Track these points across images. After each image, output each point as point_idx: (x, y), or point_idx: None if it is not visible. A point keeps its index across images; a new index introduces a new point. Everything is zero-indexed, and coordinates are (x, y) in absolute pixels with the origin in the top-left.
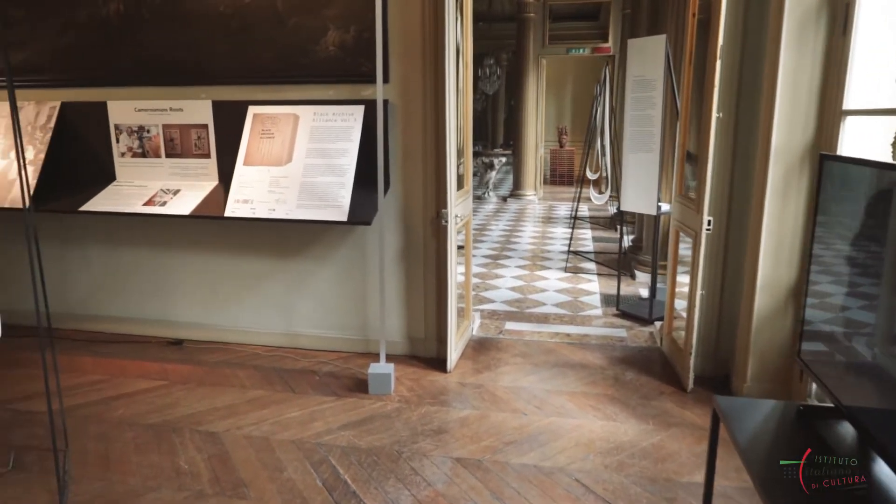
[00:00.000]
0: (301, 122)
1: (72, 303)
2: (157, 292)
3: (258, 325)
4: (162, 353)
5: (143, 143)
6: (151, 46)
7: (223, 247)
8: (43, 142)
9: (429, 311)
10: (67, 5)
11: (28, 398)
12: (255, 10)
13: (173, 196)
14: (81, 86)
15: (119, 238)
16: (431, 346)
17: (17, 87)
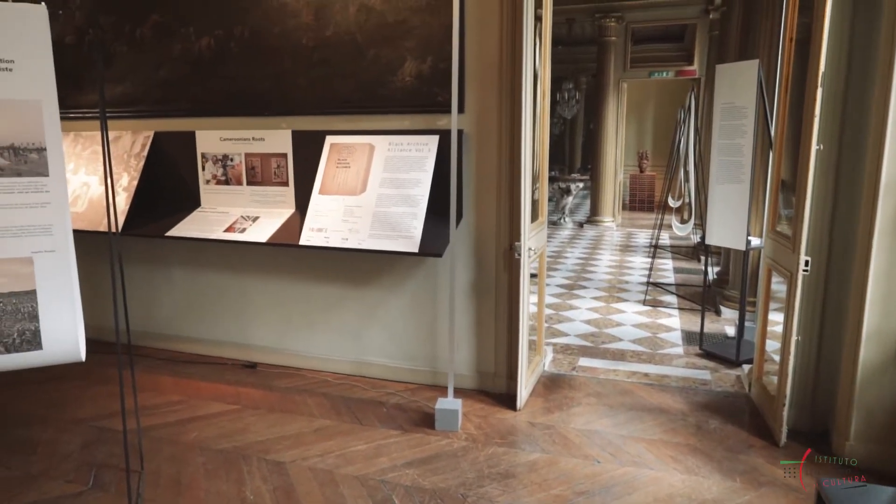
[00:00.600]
0: (376, 152)
1: (156, 322)
2: (235, 315)
3: (329, 352)
4: (237, 375)
5: (227, 171)
6: (238, 79)
7: (298, 273)
8: (137, 169)
9: (499, 345)
10: (165, 41)
11: (111, 416)
12: (336, 43)
13: (252, 223)
14: (173, 116)
15: (201, 261)
16: (501, 382)
17: (115, 117)
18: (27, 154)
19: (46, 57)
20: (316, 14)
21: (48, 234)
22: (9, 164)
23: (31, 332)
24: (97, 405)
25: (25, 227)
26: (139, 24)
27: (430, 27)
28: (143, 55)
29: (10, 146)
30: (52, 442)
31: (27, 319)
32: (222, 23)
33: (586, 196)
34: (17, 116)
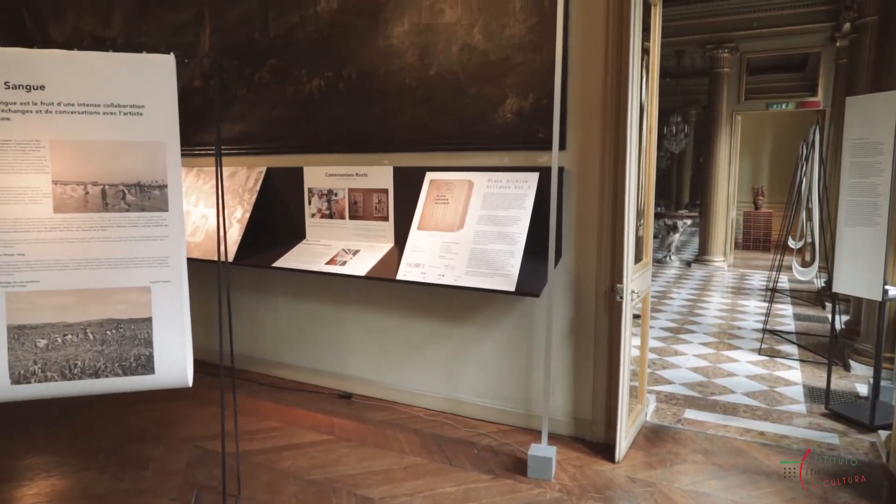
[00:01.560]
0: (475, 189)
1: (260, 348)
2: (333, 345)
3: (422, 387)
4: (332, 405)
5: (331, 206)
6: (344, 117)
7: (394, 307)
8: (250, 202)
9: (598, 391)
10: (279, 83)
11: (214, 438)
12: (438, 82)
13: (353, 256)
14: (284, 153)
15: (304, 292)
16: (598, 430)
17: (233, 154)
18: (151, 191)
19: (172, 102)
20: (420, 55)
21: (165, 265)
22: (135, 200)
23: (146, 357)
24: (202, 426)
25: (145, 258)
26: (258, 68)
27: (532, 64)
28: (260, 97)
29: (137, 183)
30: (160, 459)
31: (143, 345)
32: (332, 65)
33: (694, 233)
34: (144, 157)
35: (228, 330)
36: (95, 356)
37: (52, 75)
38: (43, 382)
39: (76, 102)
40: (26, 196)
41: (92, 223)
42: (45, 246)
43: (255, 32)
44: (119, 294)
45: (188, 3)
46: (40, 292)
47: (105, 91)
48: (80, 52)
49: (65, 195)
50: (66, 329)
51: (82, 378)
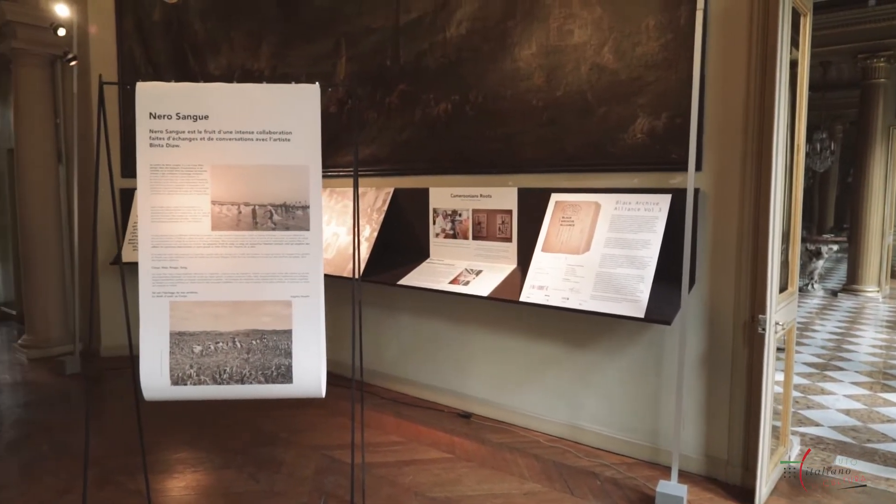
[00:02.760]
0: (602, 211)
1: (384, 363)
2: (454, 364)
3: (542, 412)
4: (452, 424)
5: (455, 226)
6: (470, 139)
7: (516, 329)
8: (377, 222)
9: (734, 429)
10: (408, 108)
11: (341, 447)
12: (566, 102)
13: (476, 276)
14: (411, 174)
15: (427, 310)
16: (734, 472)
17: (363, 175)
18: (295, 211)
19: (316, 128)
20: (548, 76)
21: (305, 281)
22: (281, 219)
23: (286, 367)
24: (329, 435)
25: (288, 273)
26: (388, 93)
27: (665, 82)
28: (389, 121)
29: (283, 204)
30: (291, 464)
31: (283, 355)
32: (459, 89)
33: (839, 260)
34: (290, 179)
35: (359, 345)
36: (242, 364)
37: (215, 106)
38: (197, 385)
39: (234, 130)
40: (189, 215)
41: (243, 240)
42: (203, 260)
43: (386, 60)
44: (264, 307)
45: (326, 36)
46: (197, 302)
47: (258, 119)
48: (238, 85)
49: (221, 214)
50: (217, 337)
51: (230, 383)
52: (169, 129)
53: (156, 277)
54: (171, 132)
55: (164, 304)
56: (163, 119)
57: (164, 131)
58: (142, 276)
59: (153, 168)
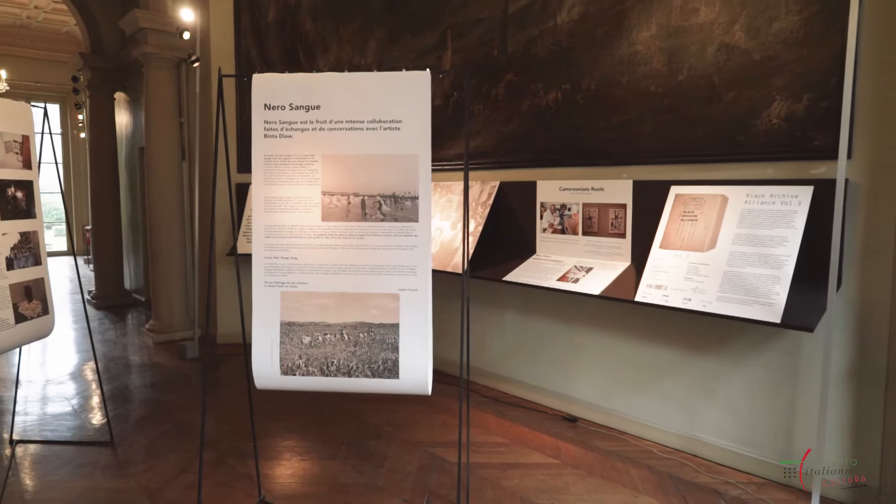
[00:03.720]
0: (730, 205)
1: (486, 360)
2: (560, 365)
3: (655, 420)
4: (557, 427)
5: (564, 221)
6: (581, 130)
7: (628, 330)
8: (482, 216)
9: (889, 452)
10: (515, 98)
11: (444, 445)
12: (688, 87)
13: (586, 274)
14: (517, 167)
15: (532, 307)
16: (889, 503)
17: (469, 169)
18: (404, 202)
19: (426, 116)
20: (668, 59)
21: (413, 274)
22: (390, 210)
23: (392, 362)
24: (432, 432)
25: (396, 266)
26: (495, 84)
27: (807, 61)
28: (495, 112)
29: (392, 195)
30: (395, 458)
31: (390, 350)
32: (571, 77)
33: None
34: (399, 169)
35: (467, 342)
36: (349, 356)
37: (326, 96)
38: (306, 376)
39: (344, 120)
40: (301, 205)
41: (352, 231)
42: (313, 251)
43: (493, 50)
44: (372, 299)
45: (432, 28)
46: (307, 293)
47: (368, 108)
48: (349, 74)
49: (331, 205)
50: (325, 329)
51: (337, 376)
52: (282, 119)
53: (268, 267)
54: (285, 123)
55: (276, 294)
56: (276, 110)
57: (277, 122)
58: (255, 265)
59: (267, 158)
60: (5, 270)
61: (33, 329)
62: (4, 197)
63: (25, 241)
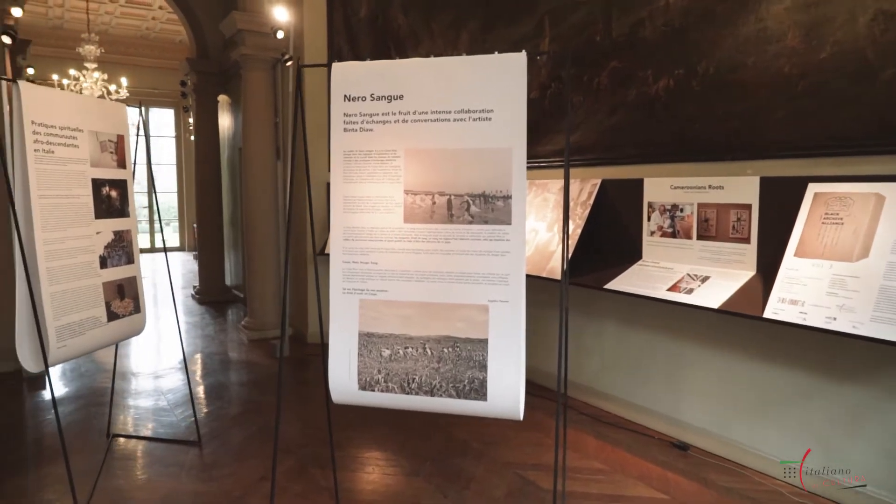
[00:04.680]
0: (887, 205)
1: (584, 375)
2: (667, 384)
3: (782, 454)
4: (665, 454)
5: (675, 223)
6: (696, 120)
7: (750, 350)
8: (582, 217)
9: None
10: (620, 87)
11: (536, 468)
12: (832, 66)
13: (700, 283)
14: (621, 163)
15: (636, 319)
16: None
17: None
18: (495, 202)
19: (521, 105)
20: (807, 35)
21: (504, 283)
22: (479, 211)
23: (479, 382)
24: (524, 452)
25: (485, 274)
26: (597, 73)
27: None
28: (597, 103)
29: (482, 194)
30: (482, 480)
31: (477, 368)
32: (684, 61)
33: None
34: (490, 165)
35: (565, 356)
36: (432, 373)
37: (410, 84)
38: (385, 392)
39: (429, 110)
40: (381, 205)
41: (437, 235)
42: (394, 256)
43: (595, 35)
44: (458, 311)
45: (529, 15)
46: (387, 302)
47: (457, 97)
48: (435, 59)
49: (414, 205)
50: (407, 342)
51: (418, 394)
52: (363, 111)
53: (346, 273)
54: (365, 115)
55: (354, 302)
56: (357, 101)
57: (357, 114)
58: (333, 270)
59: (346, 155)
60: (99, 269)
61: (125, 327)
62: (99, 196)
63: (119, 239)
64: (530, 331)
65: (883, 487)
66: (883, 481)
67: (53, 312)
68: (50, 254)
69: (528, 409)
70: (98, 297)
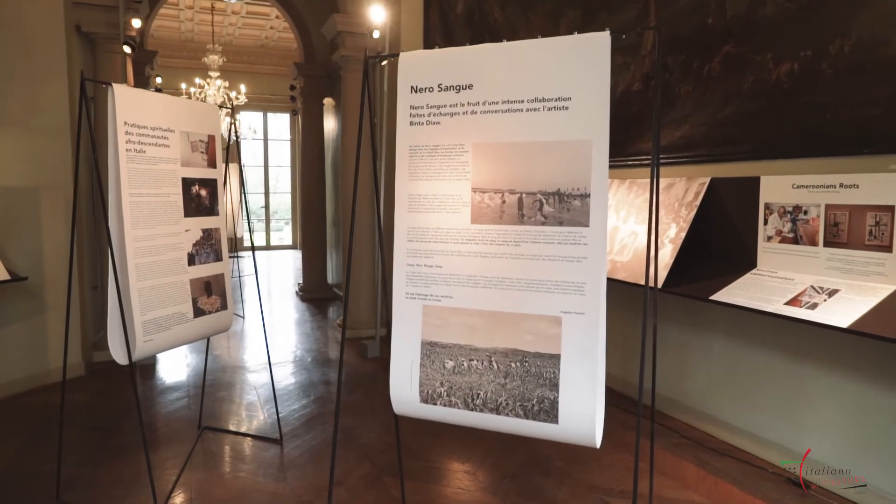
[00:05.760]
0: None
1: (685, 393)
2: (783, 411)
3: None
4: (778, 491)
5: (797, 227)
6: (827, 109)
7: (889, 378)
8: (686, 220)
9: None
10: (734, 75)
11: (625, 496)
12: None
13: (827, 298)
14: (734, 160)
15: (748, 335)
16: None
17: (671, 163)
18: (571, 201)
19: (602, 91)
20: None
21: (580, 292)
22: (552, 211)
23: (550, 402)
24: (611, 475)
25: (559, 282)
26: (708, 59)
27: None
28: (707, 93)
29: (556, 192)
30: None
31: (547, 387)
32: (813, 41)
33: None
34: (566, 159)
35: (652, 368)
36: (498, 389)
37: (480, 72)
38: (447, 407)
39: (500, 100)
40: (448, 204)
41: (506, 237)
42: (460, 259)
43: (707, 18)
44: (527, 322)
45: (632, 1)
46: (451, 309)
47: (530, 84)
48: (506, 43)
49: (482, 204)
50: (472, 353)
51: (483, 411)
52: (430, 103)
53: (409, 276)
54: (433, 107)
55: (417, 308)
56: (424, 93)
57: (424, 106)
58: (396, 273)
59: (412, 150)
60: (186, 266)
61: (211, 324)
62: (189, 194)
63: (207, 237)
64: (628, 341)
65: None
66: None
67: (140, 307)
68: (139, 250)
69: (622, 427)
70: (185, 294)
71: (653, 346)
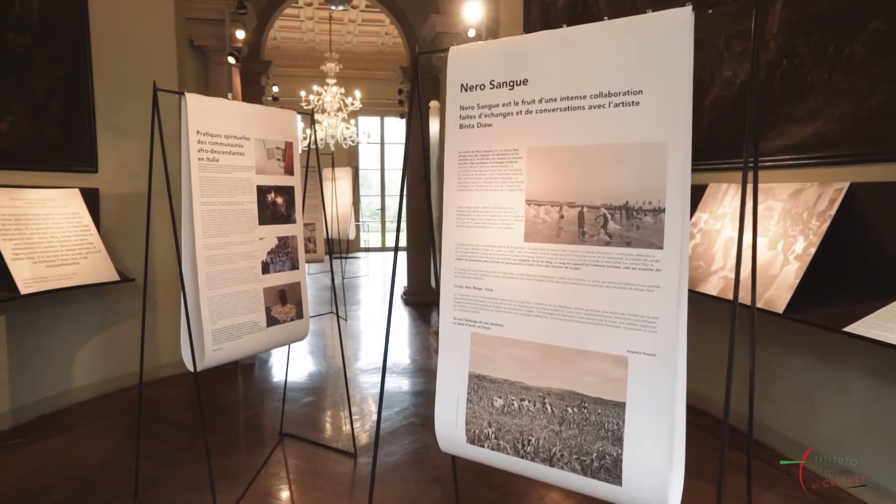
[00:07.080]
0: None
1: (817, 437)
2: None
3: None
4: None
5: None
6: None
7: None
8: (817, 233)
9: None
10: (883, 58)
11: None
12: None
13: None
14: (881, 161)
15: (890, 374)
16: None
17: (799, 165)
18: (641, 217)
19: (683, 82)
20: None
21: (651, 329)
22: (619, 229)
23: (612, 459)
24: None
25: (625, 315)
26: (849, 40)
27: None
28: (847, 81)
29: (624, 205)
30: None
31: (609, 440)
32: None
33: None
34: (636, 166)
35: (749, 398)
36: (552, 437)
37: (536, 64)
38: (495, 451)
39: (558, 97)
40: (498, 219)
41: (564, 258)
42: (512, 282)
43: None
44: (587, 360)
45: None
46: (502, 339)
47: (593, 75)
48: (566, 29)
49: (537, 219)
50: (523, 392)
51: (535, 460)
52: (481, 103)
53: (457, 299)
54: (484, 107)
55: (465, 336)
56: (474, 91)
57: (475, 107)
58: (443, 295)
59: (462, 156)
60: (260, 274)
61: (285, 333)
62: (264, 202)
63: (283, 245)
64: (722, 359)
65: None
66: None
67: (211, 316)
68: (210, 259)
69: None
70: (258, 303)
71: (750, 374)
